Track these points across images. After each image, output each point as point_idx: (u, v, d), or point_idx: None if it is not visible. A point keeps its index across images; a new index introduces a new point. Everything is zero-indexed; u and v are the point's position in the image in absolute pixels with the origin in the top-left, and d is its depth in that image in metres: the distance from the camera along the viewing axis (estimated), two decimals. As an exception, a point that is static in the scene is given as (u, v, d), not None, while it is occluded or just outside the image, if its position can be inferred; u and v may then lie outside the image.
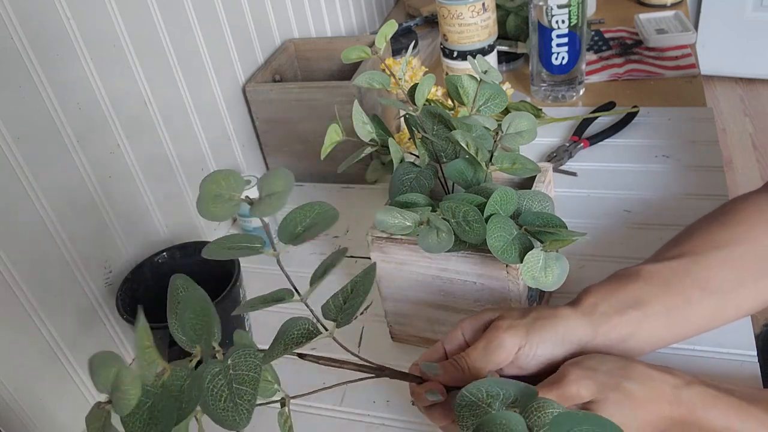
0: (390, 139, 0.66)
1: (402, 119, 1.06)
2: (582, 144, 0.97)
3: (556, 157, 0.97)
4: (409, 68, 1.08)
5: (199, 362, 0.45)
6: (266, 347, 0.76)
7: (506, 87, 1.06)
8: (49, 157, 0.65)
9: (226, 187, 0.42)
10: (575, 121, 1.04)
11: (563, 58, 1.06)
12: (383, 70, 0.66)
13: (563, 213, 0.84)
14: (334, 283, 0.83)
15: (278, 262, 0.48)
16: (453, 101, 0.79)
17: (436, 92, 1.03)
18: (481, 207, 0.58)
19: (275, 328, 0.78)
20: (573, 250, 0.76)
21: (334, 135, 0.68)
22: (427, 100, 1.00)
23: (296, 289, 0.51)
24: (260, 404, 0.47)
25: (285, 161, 1.03)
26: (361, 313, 0.78)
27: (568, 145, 0.98)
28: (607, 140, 0.99)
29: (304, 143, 1.00)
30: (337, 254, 0.47)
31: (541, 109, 1.05)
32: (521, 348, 0.52)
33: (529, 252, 0.56)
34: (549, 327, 0.53)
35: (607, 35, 1.29)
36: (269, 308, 0.82)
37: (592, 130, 1.02)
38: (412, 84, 0.71)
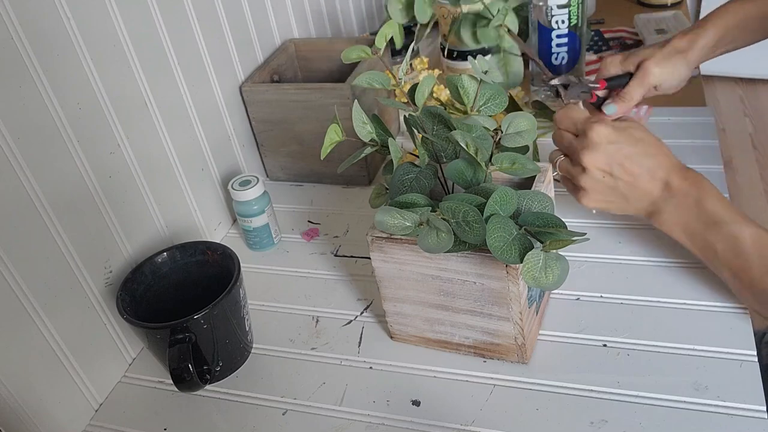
0: (390, 140, 0.66)
1: (402, 119, 1.06)
2: (599, 84, 0.85)
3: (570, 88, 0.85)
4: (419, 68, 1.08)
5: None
6: (267, 347, 0.76)
7: (517, 90, 1.06)
8: (49, 157, 0.65)
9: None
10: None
11: (563, 58, 1.06)
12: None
13: (563, 213, 0.84)
14: (337, 283, 0.83)
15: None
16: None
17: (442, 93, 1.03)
18: (481, 207, 0.58)
19: (275, 328, 0.78)
20: (573, 250, 0.76)
21: (334, 135, 0.68)
22: (441, 102, 1.01)
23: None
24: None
25: (282, 161, 1.03)
26: (361, 313, 0.78)
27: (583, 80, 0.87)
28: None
29: (300, 144, 1.00)
30: None
31: (554, 112, 1.04)
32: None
33: (529, 252, 0.56)
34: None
35: (607, 35, 1.29)
36: (269, 308, 0.82)
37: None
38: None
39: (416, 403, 0.66)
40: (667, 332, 0.68)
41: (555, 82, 0.83)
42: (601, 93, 0.83)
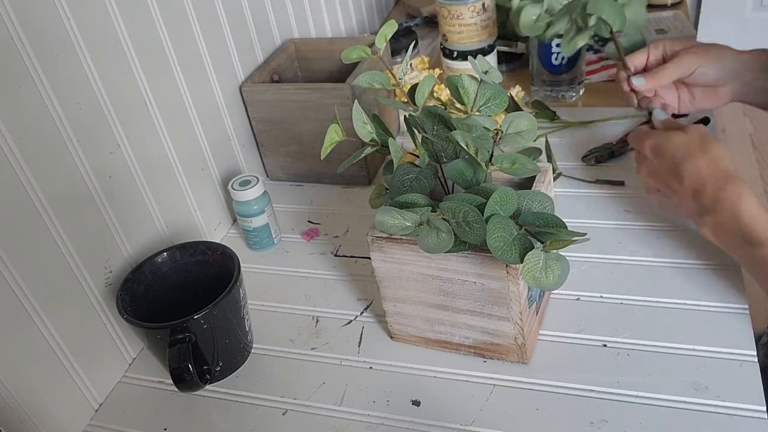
0: (390, 140, 0.66)
1: (403, 119, 1.06)
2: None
3: (596, 154, 0.85)
4: (419, 68, 1.08)
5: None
6: (267, 347, 0.76)
7: (516, 90, 1.06)
8: (49, 157, 0.65)
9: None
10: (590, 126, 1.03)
11: (563, 58, 1.06)
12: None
13: (563, 213, 0.84)
14: (337, 283, 0.83)
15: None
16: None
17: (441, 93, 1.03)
18: (481, 207, 0.58)
19: (275, 328, 0.78)
20: (573, 250, 0.76)
21: (334, 135, 0.68)
22: (441, 102, 1.01)
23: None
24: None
25: (282, 161, 1.03)
26: (361, 313, 0.78)
27: (615, 143, 0.90)
28: (607, 140, 0.99)
29: (300, 144, 1.00)
30: None
31: (555, 112, 1.04)
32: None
33: (530, 252, 0.56)
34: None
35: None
36: (269, 308, 0.82)
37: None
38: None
39: (416, 403, 0.66)
40: (667, 332, 0.68)
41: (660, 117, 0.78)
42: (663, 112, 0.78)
